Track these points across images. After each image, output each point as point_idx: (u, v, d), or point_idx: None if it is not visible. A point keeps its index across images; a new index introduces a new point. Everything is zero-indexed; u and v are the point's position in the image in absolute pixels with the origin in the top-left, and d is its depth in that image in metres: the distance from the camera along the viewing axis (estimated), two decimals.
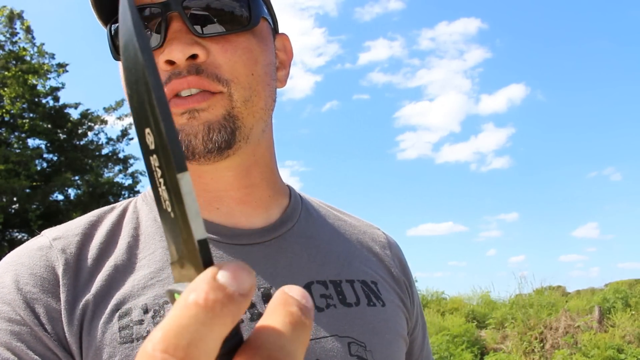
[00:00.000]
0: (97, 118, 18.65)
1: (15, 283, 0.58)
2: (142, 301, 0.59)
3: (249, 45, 0.63)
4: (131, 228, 0.66)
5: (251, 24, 0.62)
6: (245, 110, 0.62)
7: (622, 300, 9.20)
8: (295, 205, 0.74)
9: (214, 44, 0.60)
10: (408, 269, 0.80)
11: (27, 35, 17.60)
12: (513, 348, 8.01)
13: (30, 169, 15.91)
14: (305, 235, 0.71)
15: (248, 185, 0.68)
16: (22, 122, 16.94)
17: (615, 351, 7.01)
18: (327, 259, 0.70)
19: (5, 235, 17.12)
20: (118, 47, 0.62)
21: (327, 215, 0.78)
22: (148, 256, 0.63)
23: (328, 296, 0.65)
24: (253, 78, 0.62)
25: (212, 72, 0.60)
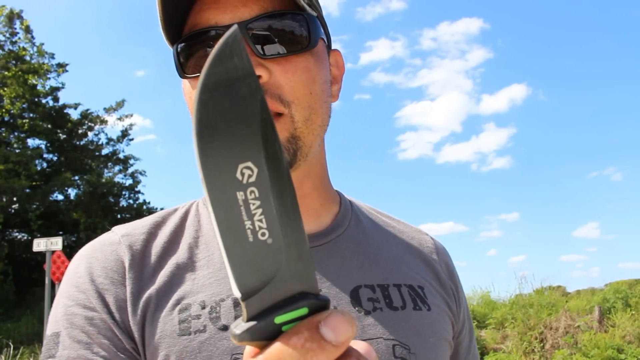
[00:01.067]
0: (97, 118, 18.65)
1: (89, 274, 0.65)
2: (200, 298, 0.63)
3: (308, 65, 0.65)
4: (193, 230, 0.71)
5: (310, 45, 0.65)
6: (306, 129, 0.65)
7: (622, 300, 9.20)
8: (345, 212, 0.77)
9: (275, 64, 0.63)
10: (455, 274, 0.81)
11: (27, 35, 17.60)
12: (513, 348, 8.01)
13: (30, 169, 15.90)
14: (354, 240, 0.74)
15: (300, 196, 0.70)
16: (22, 122, 16.92)
17: (615, 351, 7.01)
18: (375, 264, 0.72)
19: (5, 235, 17.12)
20: (184, 65, 0.65)
21: (376, 221, 0.80)
22: (207, 257, 0.67)
23: (375, 300, 0.68)
24: (312, 97, 0.65)
25: (275, 92, 0.62)
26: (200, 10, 0.64)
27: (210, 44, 0.63)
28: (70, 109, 18.49)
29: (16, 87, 16.33)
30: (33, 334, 11.89)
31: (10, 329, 11.91)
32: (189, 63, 0.66)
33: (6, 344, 8.99)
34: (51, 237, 8.35)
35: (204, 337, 0.60)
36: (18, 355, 8.40)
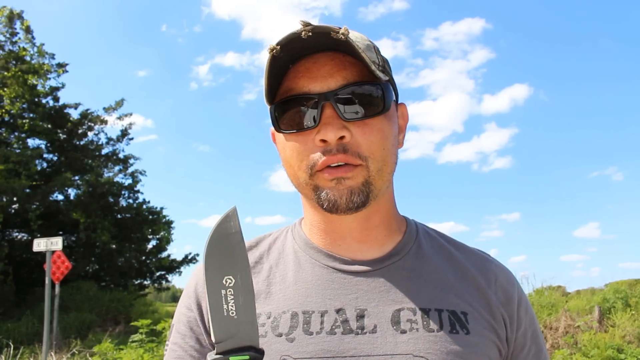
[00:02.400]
0: (97, 118, 18.61)
1: (195, 285, 0.87)
2: (268, 309, 0.80)
3: (382, 126, 0.78)
4: (277, 253, 0.89)
5: (384, 110, 0.78)
6: (378, 177, 0.78)
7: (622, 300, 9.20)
8: (407, 241, 0.87)
9: (355, 126, 0.76)
10: (513, 302, 0.85)
11: (27, 35, 17.57)
12: None
13: (30, 169, 15.89)
14: (408, 268, 0.84)
15: (367, 228, 0.84)
16: (22, 122, 16.91)
17: (615, 351, 7.01)
18: (423, 290, 0.81)
19: (5, 235, 17.12)
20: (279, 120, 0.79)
21: (439, 249, 0.89)
22: (281, 276, 0.84)
23: (413, 321, 0.77)
24: (384, 152, 0.78)
25: (354, 150, 0.76)
26: (294, 77, 0.78)
27: (303, 106, 0.77)
28: (70, 109, 18.48)
29: (16, 87, 16.32)
30: (33, 334, 11.89)
31: (10, 329, 11.92)
32: (283, 119, 0.78)
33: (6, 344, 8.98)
34: (51, 237, 8.35)
35: (263, 340, 0.76)
36: (18, 355, 8.39)
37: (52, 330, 9.53)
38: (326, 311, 0.78)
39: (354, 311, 0.78)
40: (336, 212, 0.77)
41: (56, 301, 9.52)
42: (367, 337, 0.75)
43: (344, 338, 0.75)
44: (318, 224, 0.86)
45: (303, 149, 0.77)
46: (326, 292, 0.80)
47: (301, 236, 0.88)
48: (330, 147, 0.75)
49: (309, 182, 0.78)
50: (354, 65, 0.78)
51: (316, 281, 0.81)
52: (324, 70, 0.77)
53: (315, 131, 0.76)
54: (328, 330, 0.76)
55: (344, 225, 0.83)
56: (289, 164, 0.81)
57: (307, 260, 0.85)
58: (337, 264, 0.83)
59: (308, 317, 0.77)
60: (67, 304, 13.82)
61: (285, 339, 0.75)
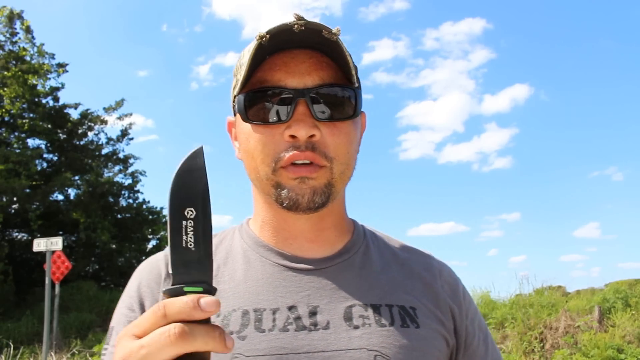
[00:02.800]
0: (97, 118, 18.61)
1: (137, 284, 0.84)
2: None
3: (349, 131, 0.79)
4: (225, 252, 0.87)
5: (354, 115, 0.80)
6: (340, 180, 0.79)
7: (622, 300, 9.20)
8: (355, 241, 0.88)
9: (325, 127, 0.77)
10: (459, 295, 0.89)
11: (27, 35, 17.57)
12: (513, 348, 8.01)
13: (30, 169, 15.89)
14: (358, 266, 0.85)
15: (319, 229, 0.84)
16: (22, 122, 16.90)
17: (615, 351, 7.01)
18: (373, 287, 0.82)
19: (5, 235, 17.12)
20: (248, 110, 0.77)
21: (385, 248, 0.91)
22: (230, 274, 0.82)
23: (365, 317, 0.78)
24: (348, 156, 0.80)
25: (322, 150, 0.76)
26: (270, 69, 0.77)
27: (277, 100, 0.76)
28: (70, 109, 18.48)
29: (16, 87, 16.32)
30: (33, 334, 11.89)
31: (10, 329, 11.91)
32: (253, 110, 0.77)
33: (6, 344, 8.99)
34: (51, 237, 8.35)
35: None
36: (18, 355, 8.40)
37: (52, 330, 9.53)
38: (278, 308, 0.77)
39: (306, 308, 0.77)
40: (295, 210, 0.77)
41: (56, 301, 9.52)
42: (320, 333, 0.75)
43: (297, 335, 0.74)
44: (270, 222, 0.85)
45: (270, 142, 0.76)
46: (277, 290, 0.79)
47: (250, 235, 0.87)
48: (299, 144, 0.75)
49: (271, 177, 0.77)
50: (330, 67, 0.78)
51: (267, 279, 0.80)
52: (302, 67, 0.77)
53: (285, 126, 0.75)
54: (281, 328, 0.75)
55: (297, 225, 0.83)
56: (251, 156, 0.79)
57: (257, 259, 0.83)
58: (287, 262, 0.82)
59: (259, 315, 0.76)
60: (67, 304, 13.82)
61: (237, 337, 0.74)
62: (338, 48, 0.75)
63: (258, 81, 0.77)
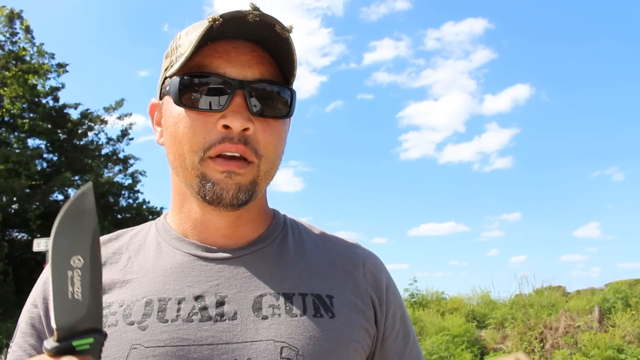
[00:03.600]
0: (97, 118, 18.62)
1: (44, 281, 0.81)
2: (121, 298, 0.76)
3: (281, 130, 0.79)
4: (138, 245, 0.85)
5: (289, 115, 0.79)
6: (264, 178, 0.78)
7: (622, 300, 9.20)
8: (272, 231, 0.86)
9: (259, 123, 0.75)
10: (382, 285, 0.86)
11: (27, 35, 17.57)
12: (513, 348, 8.00)
13: (30, 169, 15.90)
14: (273, 255, 0.82)
15: (236, 226, 0.82)
16: (22, 122, 16.91)
17: (615, 351, 7.01)
18: (287, 275, 0.80)
19: (5, 235, 17.12)
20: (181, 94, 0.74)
21: (307, 237, 0.88)
22: (140, 265, 0.80)
23: (276, 306, 0.75)
24: (276, 155, 0.79)
25: (253, 145, 0.74)
26: (210, 55, 0.74)
27: (214, 88, 0.74)
28: (70, 109, 18.48)
29: (16, 87, 16.32)
30: None
31: (10, 329, 11.91)
32: (187, 94, 0.74)
33: (6, 344, 8.98)
34: None
35: (114, 330, 0.72)
36: None
37: None
38: (184, 298, 0.74)
39: (213, 298, 0.75)
40: (217, 206, 0.75)
41: None
42: (226, 324, 0.72)
43: (201, 325, 0.72)
44: (188, 214, 0.82)
45: (202, 129, 0.73)
46: (185, 279, 0.76)
47: (165, 228, 0.85)
48: (232, 135, 0.73)
49: (197, 166, 0.74)
50: (270, 64, 0.77)
51: (176, 268, 0.78)
52: (243, 58, 0.75)
53: (219, 115, 0.73)
54: (185, 318, 0.72)
55: (214, 221, 0.81)
56: (178, 141, 0.75)
57: (169, 250, 0.81)
58: (199, 252, 0.80)
59: (164, 305, 0.73)
60: None
61: (138, 327, 0.71)
62: (286, 46, 0.74)
63: (196, 66, 0.75)
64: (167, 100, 0.78)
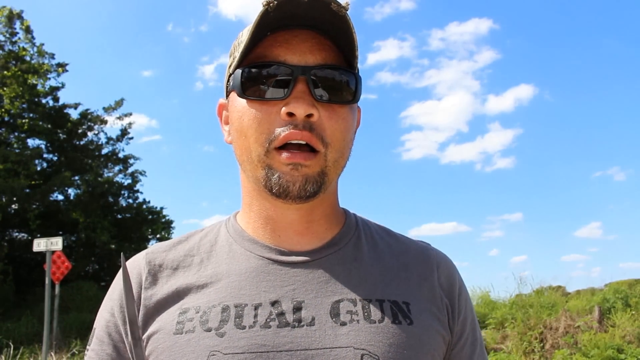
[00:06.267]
0: (97, 118, 18.59)
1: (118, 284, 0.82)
2: (197, 303, 0.75)
3: (347, 117, 0.76)
4: (209, 246, 0.83)
5: (354, 100, 0.76)
6: (333, 168, 0.76)
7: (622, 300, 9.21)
8: (346, 232, 0.84)
9: (324, 109, 0.73)
10: (455, 290, 0.84)
11: (27, 35, 17.55)
12: (513, 348, 8.01)
13: (30, 169, 15.89)
14: (348, 258, 0.80)
15: (309, 221, 0.80)
16: (21, 122, 16.89)
17: (615, 351, 7.01)
18: (363, 280, 0.78)
19: (5, 235, 17.11)
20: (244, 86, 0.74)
21: (379, 240, 0.86)
22: (214, 269, 0.79)
23: (354, 312, 0.73)
24: (344, 143, 0.76)
25: (319, 132, 0.72)
26: (270, 46, 0.74)
27: (276, 76, 0.73)
28: (70, 108, 18.47)
29: (15, 87, 16.31)
30: (33, 334, 11.89)
31: (10, 329, 11.91)
32: (249, 85, 0.74)
33: (6, 344, 8.98)
34: (51, 237, 8.35)
35: (191, 336, 0.71)
36: (18, 355, 8.39)
37: (52, 331, 9.53)
38: (260, 304, 0.73)
39: (290, 303, 0.73)
40: (285, 198, 0.73)
41: (56, 301, 9.52)
42: (304, 330, 0.71)
43: (279, 332, 0.70)
44: (258, 213, 0.81)
45: (266, 119, 0.72)
46: (261, 284, 0.75)
47: (236, 229, 0.83)
48: (296, 122, 0.71)
49: (263, 159, 0.73)
50: (332, 50, 0.75)
51: (250, 273, 0.77)
52: (304, 46, 0.74)
53: (283, 103, 0.72)
54: (262, 324, 0.71)
55: (286, 216, 0.79)
56: (243, 135, 0.74)
57: (242, 253, 0.80)
58: (273, 255, 0.78)
59: (240, 311, 0.73)
60: (67, 304, 13.82)
61: (215, 333, 0.71)
62: (344, 25, 0.72)
63: (257, 57, 0.74)
64: (232, 96, 0.78)
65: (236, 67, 0.76)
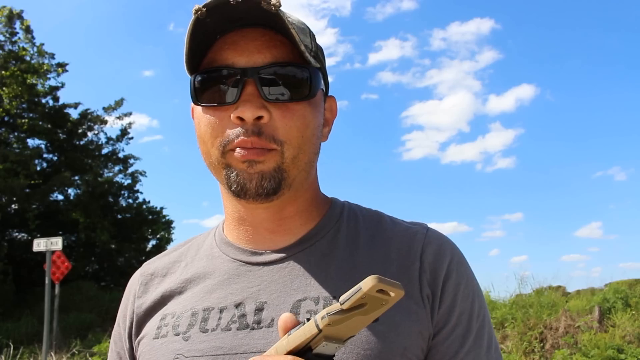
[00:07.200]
0: (97, 118, 18.59)
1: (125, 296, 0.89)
2: (176, 309, 0.78)
3: (304, 113, 0.74)
4: (194, 252, 0.86)
5: (309, 96, 0.74)
6: (292, 165, 0.74)
7: (622, 300, 9.20)
8: (322, 226, 0.81)
9: (276, 109, 0.72)
10: (439, 277, 0.76)
11: (27, 35, 17.55)
12: (513, 348, 8.01)
13: (29, 169, 15.88)
14: (322, 253, 0.78)
15: (280, 218, 0.79)
16: (21, 122, 16.90)
17: (615, 351, 7.01)
18: (332, 277, 0.74)
19: (5, 235, 17.10)
20: (198, 93, 0.75)
21: (363, 231, 0.81)
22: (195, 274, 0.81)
23: (314, 312, 0.70)
24: (302, 139, 0.74)
25: (270, 134, 0.71)
26: (219, 49, 0.73)
27: (225, 80, 0.72)
28: (70, 108, 18.47)
29: (15, 87, 16.31)
30: (33, 334, 11.88)
31: (10, 329, 11.91)
32: (203, 92, 0.74)
33: (6, 344, 8.98)
34: (51, 237, 8.35)
35: (164, 340, 0.75)
36: (18, 355, 8.39)
37: (52, 330, 9.52)
38: (225, 307, 0.74)
39: (253, 305, 0.73)
40: (244, 197, 0.73)
41: (56, 301, 9.51)
42: (262, 331, 0.70)
43: (237, 334, 0.71)
44: (232, 213, 0.82)
45: (219, 125, 0.73)
46: (229, 287, 0.76)
47: (219, 233, 0.85)
48: (246, 127, 0.71)
49: (221, 160, 0.73)
50: (285, 45, 0.73)
51: (222, 276, 0.78)
52: (251, 45, 0.72)
53: (233, 107, 0.72)
54: (224, 327, 0.72)
55: (256, 215, 0.79)
56: (202, 140, 0.75)
57: (219, 256, 0.81)
58: (245, 257, 0.79)
59: (207, 315, 0.74)
60: (67, 304, 13.81)
61: (182, 337, 0.73)
62: (280, 21, 0.69)
63: (208, 62, 0.74)
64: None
65: (190, 73, 0.76)
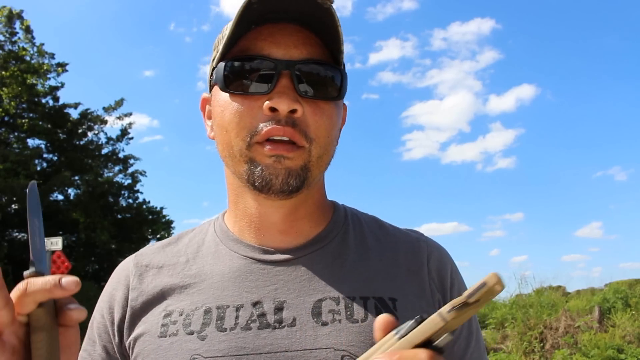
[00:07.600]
0: (97, 118, 18.58)
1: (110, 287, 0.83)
2: (181, 306, 0.75)
3: (332, 113, 0.75)
4: (196, 246, 0.83)
5: (339, 97, 0.76)
6: (316, 164, 0.74)
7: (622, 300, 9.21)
8: (331, 228, 0.82)
9: (308, 105, 0.72)
10: (446, 282, 0.80)
11: (27, 35, 17.54)
12: (513, 348, 8.01)
13: (29, 169, 15.88)
14: (333, 255, 0.79)
15: (293, 220, 0.79)
16: (21, 122, 16.90)
17: (615, 351, 7.01)
18: (347, 277, 0.76)
19: (5, 235, 17.10)
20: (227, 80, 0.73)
21: (368, 234, 0.84)
22: (198, 270, 0.79)
23: (336, 312, 0.71)
24: (328, 140, 0.75)
25: (303, 128, 0.71)
26: (255, 39, 0.72)
27: (259, 70, 0.71)
28: (70, 108, 18.46)
29: (14, 87, 16.31)
30: None
31: None
32: (232, 79, 0.73)
33: None
34: (51, 237, 8.35)
35: (174, 339, 0.71)
36: None
37: None
38: (242, 305, 0.72)
39: (272, 304, 0.72)
40: (267, 192, 0.72)
41: None
42: (285, 331, 0.69)
43: (259, 333, 0.69)
44: (243, 210, 0.79)
45: (248, 114, 0.71)
46: (243, 285, 0.74)
47: (222, 228, 0.83)
48: (279, 118, 0.70)
49: (245, 152, 0.71)
50: (319, 45, 0.74)
51: (233, 273, 0.76)
52: (289, 40, 0.72)
53: (266, 98, 0.70)
54: (243, 326, 0.70)
55: (269, 215, 0.78)
56: (225, 130, 0.73)
57: (226, 253, 0.79)
58: (256, 254, 0.77)
59: (222, 313, 0.72)
60: None
61: (197, 337, 0.70)
62: (329, 18, 0.70)
63: (241, 50, 0.73)
64: (215, 90, 0.77)
65: (219, 60, 0.75)
